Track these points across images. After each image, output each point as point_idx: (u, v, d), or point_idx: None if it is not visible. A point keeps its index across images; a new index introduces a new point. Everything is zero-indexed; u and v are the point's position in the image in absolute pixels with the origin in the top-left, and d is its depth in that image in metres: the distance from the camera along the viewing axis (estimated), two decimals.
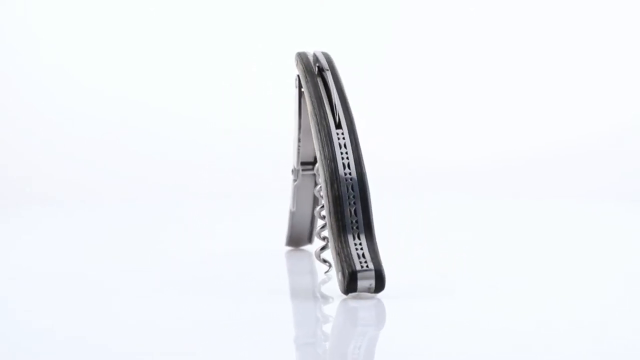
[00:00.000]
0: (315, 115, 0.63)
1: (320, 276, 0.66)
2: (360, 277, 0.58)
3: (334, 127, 0.63)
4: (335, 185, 0.60)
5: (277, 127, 1.37)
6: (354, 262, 0.58)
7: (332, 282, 0.64)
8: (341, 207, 0.60)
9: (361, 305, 0.59)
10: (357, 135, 0.62)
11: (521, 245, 0.86)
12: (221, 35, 1.46)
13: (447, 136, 1.42)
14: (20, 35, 1.45)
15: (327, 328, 0.56)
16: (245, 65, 1.45)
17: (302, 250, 0.78)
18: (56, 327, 0.55)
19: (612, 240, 0.90)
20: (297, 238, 0.77)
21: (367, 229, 0.60)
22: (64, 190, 1.31)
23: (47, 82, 1.43)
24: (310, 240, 0.77)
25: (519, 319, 0.56)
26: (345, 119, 0.63)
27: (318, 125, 0.63)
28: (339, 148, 0.62)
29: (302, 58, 0.67)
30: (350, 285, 0.58)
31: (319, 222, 0.64)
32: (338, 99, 0.64)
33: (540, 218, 1.09)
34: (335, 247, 0.59)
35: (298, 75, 0.69)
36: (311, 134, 0.66)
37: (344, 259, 0.59)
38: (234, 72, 1.45)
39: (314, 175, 0.71)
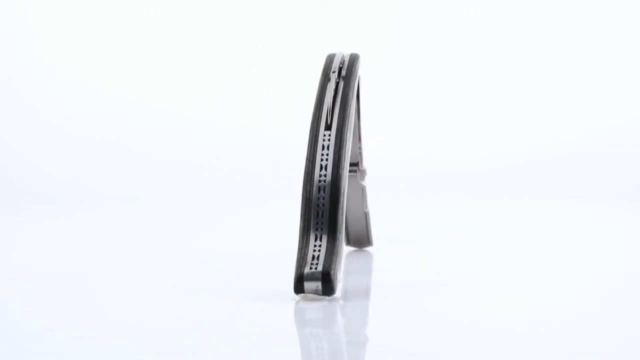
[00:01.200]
0: (312, 115, 0.64)
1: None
2: (307, 278, 0.58)
3: (323, 129, 0.63)
4: (308, 187, 0.61)
5: (278, 127, 1.38)
6: (305, 263, 0.59)
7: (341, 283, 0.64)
8: (308, 208, 0.60)
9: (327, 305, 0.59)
10: (344, 138, 0.62)
11: (521, 245, 0.86)
12: (221, 35, 1.46)
13: (447, 136, 1.42)
14: (20, 35, 1.45)
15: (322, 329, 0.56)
16: (245, 65, 1.45)
17: (358, 251, 0.78)
18: (56, 327, 0.55)
19: (612, 240, 0.90)
20: (358, 239, 0.77)
21: (332, 231, 0.59)
22: (64, 190, 1.31)
23: (47, 82, 1.43)
24: (370, 241, 0.77)
25: (516, 318, 0.56)
26: (338, 121, 0.63)
27: (311, 125, 0.63)
28: (321, 149, 0.62)
29: (326, 59, 0.67)
30: (297, 286, 0.59)
31: None
32: (339, 101, 0.64)
33: (540, 218, 1.09)
34: (297, 248, 0.60)
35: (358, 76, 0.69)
36: (355, 135, 0.67)
37: (299, 260, 0.59)
38: (234, 72, 1.45)
39: (357, 176, 0.71)
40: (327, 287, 0.58)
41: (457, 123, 1.43)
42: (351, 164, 0.72)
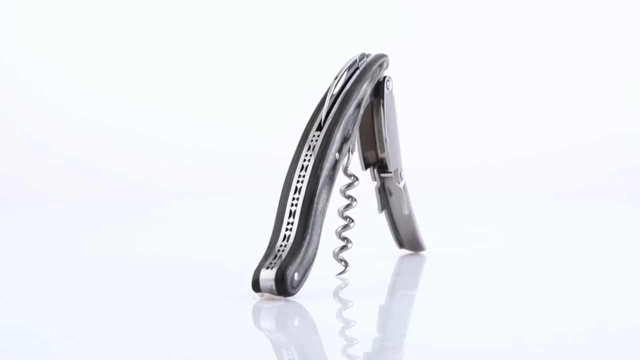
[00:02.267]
0: (311, 115, 0.63)
1: (336, 278, 0.66)
2: (263, 277, 0.58)
3: (315, 129, 0.62)
4: (285, 187, 0.61)
5: (282, 128, 1.38)
6: (265, 261, 0.59)
7: (350, 285, 0.64)
8: (282, 208, 0.60)
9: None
10: (331, 139, 0.61)
11: (521, 245, 0.86)
12: (221, 34, 1.46)
13: (447, 136, 1.42)
14: (24, 42, 1.45)
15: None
16: (245, 65, 1.45)
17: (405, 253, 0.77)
18: (52, 327, 0.55)
19: (613, 240, 0.90)
20: (410, 242, 0.76)
21: (300, 232, 0.59)
22: (63, 190, 1.31)
23: (45, 84, 1.44)
24: (421, 245, 0.76)
25: (516, 318, 0.56)
26: (331, 121, 0.62)
27: (306, 125, 0.63)
28: (306, 150, 0.61)
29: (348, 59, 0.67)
30: (254, 284, 0.59)
31: (341, 222, 0.65)
32: (340, 101, 0.63)
33: (541, 218, 1.09)
34: (267, 245, 0.60)
35: (385, 77, 0.68)
36: (381, 139, 0.68)
37: (262, 259, 0.59)
38: (237, 72, 1.45)
39: (392, 178, 0.71)
40: (281, 287, 0.58)
41: (456, 123, 1.44)
42: (384, 167, 0.71)
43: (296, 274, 0.58)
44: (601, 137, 1.40)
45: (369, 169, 0.71)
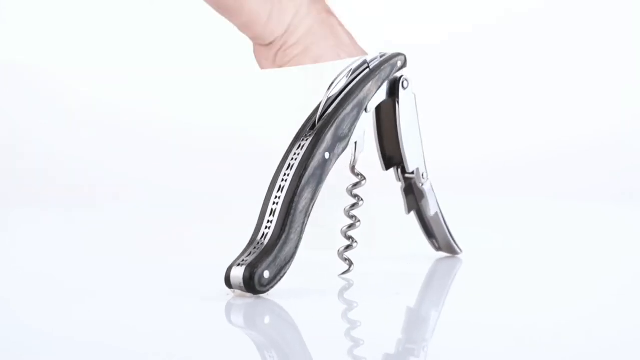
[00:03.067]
0: (310, 114, 0.63)
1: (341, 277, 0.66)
2: (233, 274, 0.58)
3: (309, 128, 0.62)
4: (271, 185, 0.61)
5: (278, 128, 1.37)
6: (239, 258, 0.58)
7: (356, 286, 0.64)
8: (265, 205, 0.60)
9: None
10: (322, 138, 0.61)
11: (522, 245, 0.86)
12: (221, 35, 1.46)
13: (447, 136, 1.42)
14: (24, 42, 1.45)
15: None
16: (246, 65, 1.45)
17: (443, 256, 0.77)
18: (52, 327, 0.55)
19: (614, 239, 0.90)
20: (446, 245, 0.75)
21: (278, 229, 0.59)
22: (63, 190, 1.31)
23: (45, 85, 1.43)
24: (453, 248, 0.75)
25: (519, 318, 0.56)
26: (325, 120, 0.62)
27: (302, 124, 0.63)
28: (296, 149, 0.61)
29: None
30: (226, 280, 0.59)
31: (347, 221, 0.64)
32: (339, 101, 0.63)
33: (541, 218, 1.09)
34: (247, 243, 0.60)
35: (401, 76, 0.68)
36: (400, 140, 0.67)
37: (238, 255, 0.59)
38: (235, 72, 1.45)
39: (415, 180, 0.70)
40: (249, 284, 0.58)
41: (456, 123, 1.43)
42: (405, 170, 0.70)
43: (266, 272, 0.58)
44: (602, 137, 1.39)
45: (391, 170, 0.70)
